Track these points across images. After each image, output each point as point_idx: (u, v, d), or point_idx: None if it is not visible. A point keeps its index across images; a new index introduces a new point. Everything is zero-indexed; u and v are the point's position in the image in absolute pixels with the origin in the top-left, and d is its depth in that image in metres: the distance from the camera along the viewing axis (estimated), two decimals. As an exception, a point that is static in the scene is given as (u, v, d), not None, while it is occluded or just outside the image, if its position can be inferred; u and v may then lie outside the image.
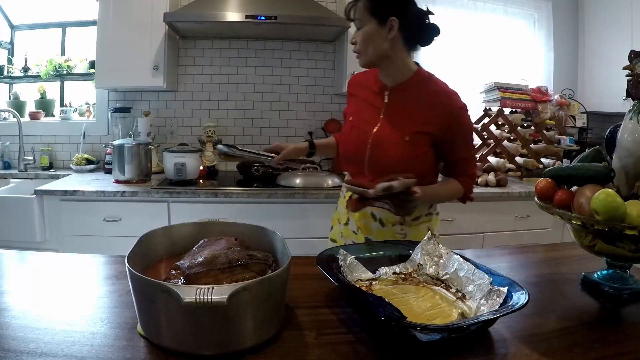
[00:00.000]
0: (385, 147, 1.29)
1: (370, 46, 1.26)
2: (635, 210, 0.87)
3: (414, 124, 1.28)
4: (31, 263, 1.14)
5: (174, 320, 0.69)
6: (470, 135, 1.38)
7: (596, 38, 3.10)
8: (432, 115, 1.27)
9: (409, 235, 1.36)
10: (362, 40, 1.27)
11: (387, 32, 1.23)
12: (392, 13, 1.21)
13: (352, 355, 0.73)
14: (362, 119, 1.35)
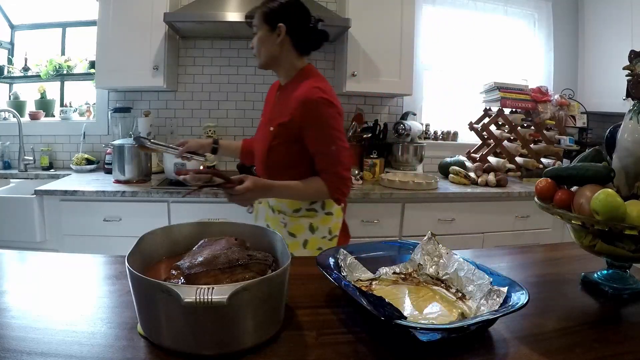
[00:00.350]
0: (259, 139, 1.46)
1: (263, 49, 1.40)
2: (635, 210, 0.87)
3: (279, 116, 1.39)
4: (31, 263, 1.14)
5: (174, 320, 0.69)
6: (328, 130, 1.35)
7: (596, 38, 3.10)
8: (290, 107, 1.36)
9: (288, 226, 1.45)
10: (257, 45, 1.40)
11: (277, 37, 1.37)
12: (280, 20, 1.36)
13: (352, 355, 0.73)
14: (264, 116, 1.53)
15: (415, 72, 2.88)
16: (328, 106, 1.34)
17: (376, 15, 2.56)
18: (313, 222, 1.45)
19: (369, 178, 2.64)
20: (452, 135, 3.18)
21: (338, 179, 1.38)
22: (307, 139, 1.36)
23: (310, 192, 1.39)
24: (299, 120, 1.34)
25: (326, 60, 2.90)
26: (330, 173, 1.37)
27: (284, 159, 1.41)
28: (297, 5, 1.41)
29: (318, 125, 1.35)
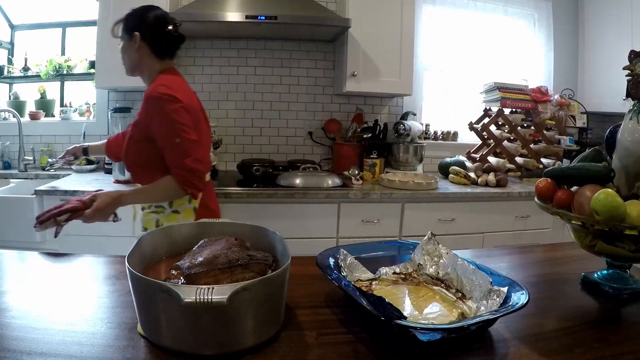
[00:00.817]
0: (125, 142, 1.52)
1: (126, 57, 1.51)
2: (635, 210, 0.87)
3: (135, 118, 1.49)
4: (31, 263, 1.14)
5: (174, 320, 0.69)
6: (171, 124, 1.38)
7: (596, 38, 3.10)
8: (141, 106, 1.45)
9: (143, 220, 1.56)
10: (122, 54, 1.51)
11: (134, 44, 1.47)
12: (136, 29, 1.46)
13: (352, 355, 0.73)
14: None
15: (415, 72, 2.88)
16: (171, 101, 1.39)
17: (376, 15, 2.56)
18: (160, 219, 1.52)
19: (369, 178, 2.64)
20: (452, 135, 3.18)
21: (187, 171, 1.39)
22: (155, 136, 1.41)
23: (159, 193, 1.43)
24: (145, 116, 1.42)
25: (326, 60, 2.91)
26: (178, 167, 1.39)
27: (139, 158, 1.48)
28: (151, 13, 1.48)
29: (161, 120, 1.39)
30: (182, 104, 1.40)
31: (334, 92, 2.93)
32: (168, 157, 1.41)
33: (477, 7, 3.11)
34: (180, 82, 1.49)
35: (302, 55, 2.89)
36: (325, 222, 2.32)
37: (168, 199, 1.47)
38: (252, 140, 2.91)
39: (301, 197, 2.27)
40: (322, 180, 2.39)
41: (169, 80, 1.44)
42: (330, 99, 2.95)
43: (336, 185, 2.39)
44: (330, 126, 2.87)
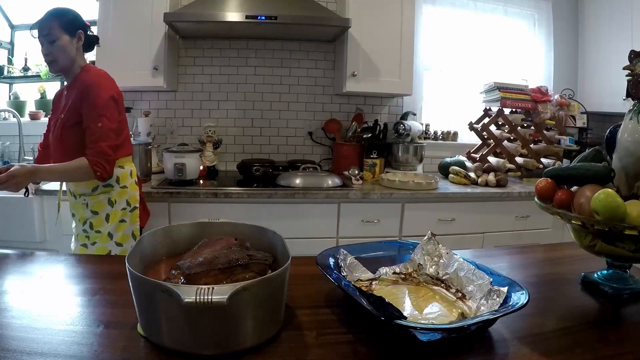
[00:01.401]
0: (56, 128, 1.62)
1: (63, 55, 1.60)
2: (635, 210, 0.87)
3: (71, 105, 1.59)
4: (31, 263, 1.14)
5: (174, 320, 0.69)
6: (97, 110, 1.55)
7: (596, 38, 3.10)
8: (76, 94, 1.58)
9: (90, 205, 1.66)
10: (56, 52, 1.59)
11: (77, 42, 1.63)
12: (78, 28, 1.63)
13: (352, 355, 0.73)
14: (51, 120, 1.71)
15: (415, 72, 2.88)
16: (105, 89, 1.59)
17: (376, 15, 2.56)
18: (111, 197, 1.67)
19: (369, 178, 2.64)
20: (452, 135, 3.18)
21: (99, 153, 1.55)
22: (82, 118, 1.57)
23: (72, 171, 1.55)
24: (79, 102, 1.57)
25: (326, 60, 2.91)
26: (94, 148, 1.55)
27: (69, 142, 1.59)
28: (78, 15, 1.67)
29: (91, 103, 1.55)
30: (113, 94, 1.61)
31: (334, 92, 2.93)
32: (88, 137, 1.56)
33: (477, 7, 3.11)
34: (108, 74, 1.67)
35: (302, 55, 2.89)
36: (325, 222, 2.32)
37: (79, 178, 1.60)
38: (252, 140, 2.91)
39: (301, 197, 2.27)
40: (322, 180, 2.39)
41: (101, 71, 1.65)
42: (330, 99, 2.96)
43: (336, 185, 2.39)
44: (330, 126, 2.87)
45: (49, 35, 1.58)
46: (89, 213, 1.67)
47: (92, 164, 1.53)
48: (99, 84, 1.58)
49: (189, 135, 2.83)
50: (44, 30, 1.58)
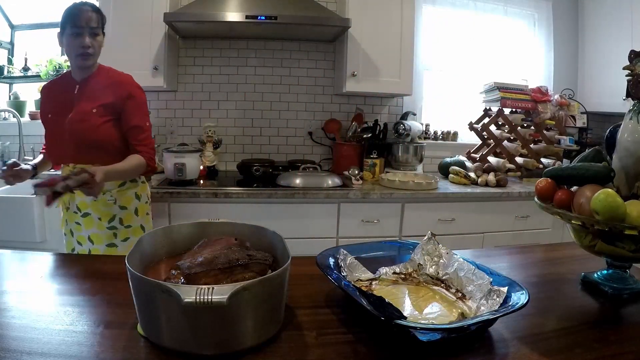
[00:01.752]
0: (80, 122, 1.59)
1: (99, 50, 1.66)
2: (635, 210, 0.87)
3: (98, 99, 1.62)
4: (31, 263, 1.14)
5: (174, 320, 0.69)
6: (144, 108, 1.70)
7: (596, 38, 3.10)
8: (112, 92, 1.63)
9: (119, 201, 1.67)
10: (98, 46, 1.64)
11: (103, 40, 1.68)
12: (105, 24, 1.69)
13: (352, 355, 0.73)
14: (57, 113, 1.63)
15: (415, 72, 2.88)
16: (142, 90, 1.71)
17: (376, 15, 2.56)
18: (137, 191, 1.72)
19: (369, 178, 2.64)
20: (452, 135, 3.18)
21: (151, 149, 1.67)
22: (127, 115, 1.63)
23: (133, 167, 1.60)
24: (119, 99, 1.62)
25: (326, 60, 2.91)
26: (149, 145, 1.67)
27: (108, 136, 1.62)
28: None
29: (138, 103, 1.66)
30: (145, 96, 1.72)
31: (334, 92, 2.93)
32: (139, 137, 1.64)
33: (477, 7, 3.11)
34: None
35: (302, 55, 2.89)
36: (325, 222, 2.32)
37: (135, 175, 1.68)
38: (252, 140, 2.91)
39: (301, 197, 2.27)
40: (322, 180, 2.39)
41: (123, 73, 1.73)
42: (330, 99, 2.95)
43: (336, 185, 2.39)
44: (330, 126, 2.87)
45: (95, 28, 1.59)
46: (116, 209, 1.67)
47: (148, 160, 1.63)
48: (137, 84, 1.70)
49: (189, 135, 2.83)
50: (91, 22, 1.58)
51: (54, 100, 1.68)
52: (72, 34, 1.55)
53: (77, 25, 1.54)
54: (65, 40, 1.59)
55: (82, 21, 1.55)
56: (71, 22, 1.55)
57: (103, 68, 1.71)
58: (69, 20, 1.55)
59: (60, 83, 1.70)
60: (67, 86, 1.67)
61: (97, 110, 1.60)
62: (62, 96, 1.66)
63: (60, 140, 1.62)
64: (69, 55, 1.63)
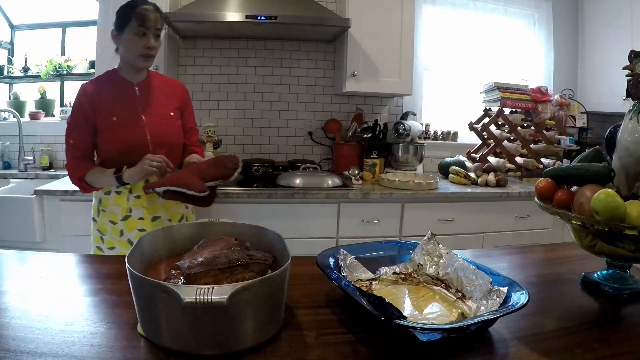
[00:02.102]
0: (162, 125, 1.62)
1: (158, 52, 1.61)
2: (635, 210, 0.87)
3: (169, 103, 1.66)
4: (31, 263, 1.14)
5: (174, 320, 0.69)
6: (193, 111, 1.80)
7: (596, 38, 3.10)
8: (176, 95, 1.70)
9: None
10: (159, 47, 1.59)
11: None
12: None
13: (352, 355, 0.73)
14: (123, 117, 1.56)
15: (415, 72, 2.88)
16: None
17: (376, 15, 2.56)
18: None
19: (369, 178, 2.64)
20: (452, 135, 3.18)
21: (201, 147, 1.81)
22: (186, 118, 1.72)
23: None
24: (181, 103, 1.70)
25: (326, 60, 2.91)
26: (200, 146, 1.79)
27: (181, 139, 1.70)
28: None
29: (191, 107, 1.78)
30: None
31: (334, 92, 2.93)
32: (194, 138, 1.76)
33: (477, 7, 3.11)
34: None
35: (302, 55, 2.89)
36: (325, 222, 2.32)
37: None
38: (252, 140, 2.91)
39: (301, 197, 2.27)
40: (322, 180, 2.39)
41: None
42: (330, 99, 2.95)
43: (336, 185, 2.39)
44: (330, 126, 2.87)
45: (159, 30, 1.55)
46: (183, 208, 1.71)
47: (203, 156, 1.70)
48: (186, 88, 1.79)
49: (189, 135, 2.83)
50: (158, 24, 1.54)
51: (112, 103, 1.56)
52: (137, 34, 1.50)
53: (144, 25, 1.49)
54: (125, 40, 1.52)
55: (149, 21, 1.50)
56: (138, 21, 1.48)
57: (150, 71, 1.69)
58: (133, 19, 1.49)
59: (110, 84, 1.60)
60: (123, 88, 1.59)
61: (174, 113, 1.65)
62: (122, 99, 1.58)
63: (135, 143, 1.54)
64: (128, 55, 1.55)
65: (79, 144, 1.56)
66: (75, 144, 1.56)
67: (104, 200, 1.63)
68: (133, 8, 1.50)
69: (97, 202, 1.65)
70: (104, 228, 1.62)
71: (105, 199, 1.63)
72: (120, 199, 1.60)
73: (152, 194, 1.51)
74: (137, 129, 1.57)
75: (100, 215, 1.64)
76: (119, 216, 1.60)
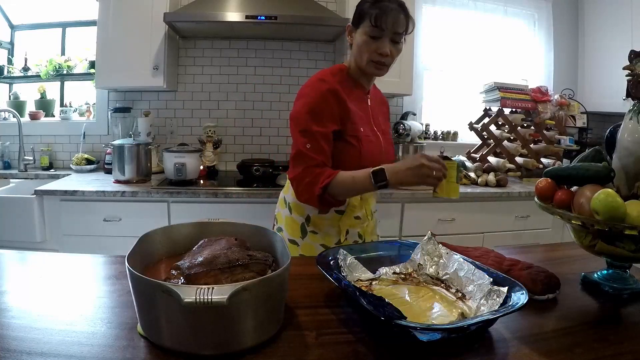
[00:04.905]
0: (387, 143, 1.42)
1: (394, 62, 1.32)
2: (635, 210, 0.87)
3: (385, 118, 1.49)
4: (31, 263, 1.14)
5: (174, 320, 0.69)
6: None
7: (596, 38, 3.10)
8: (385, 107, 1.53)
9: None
10: (397, 55, 1.29)
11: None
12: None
13: (352, 355, 0.73)
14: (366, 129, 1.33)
15: (415, 72, 2.88)
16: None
17: (376, 15, 2.56)
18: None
19: (369, 178, 2.64)
20: (452, 135, 3.18)
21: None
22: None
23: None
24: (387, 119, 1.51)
25: (326, 60, 2.90)
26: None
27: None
28: None
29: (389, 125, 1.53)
30: None
31: (334, 92, 2.92)
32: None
33: (477, 7, 3.11)
34: None
35: (302, 55, 2.89)
36: (325, 222, 2.32)
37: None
38: (252, 140, 2.91)
39: (301, 197, 2.27)
40: (322, 180, 2.38)
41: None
42: (330, 99, 2.95)
43: (336, 185, 2.38)
44: (330, 126, 2.87)
45: (399, 35, 1.26)
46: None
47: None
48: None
49: (189, 135, 2.83)
50: (397, 26, 1.24)
51: (356, 111, 1.32)
52: (370, 36, 1.24)
53: (378, 25, 1.22)
54: (358, 38, 1.28)
55: (387, 23, 1.22)
56: (373, 20, 1.22)
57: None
58: (369, 17, 1.23)
59: (348, 88, 1.33)
60: (359, 95, 1.36)
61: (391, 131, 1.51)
62: (362, 107, 1.36)
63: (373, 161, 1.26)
64: (358, 57, 1.30)
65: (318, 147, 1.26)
66: (314, 147, 1.26)
67: (315, 219, 1.35)
68: (372, 3, 1.24)
69: (303, 221, 1.37)
70: (312, 252, 1.31)
71: (317, 217, 1.35)
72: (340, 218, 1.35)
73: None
74: (378, 145, 1.34)
75: (308, 238, 1.36)
76: (333, 239, 1.35)
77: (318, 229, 1.36)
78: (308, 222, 1.36)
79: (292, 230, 1.39)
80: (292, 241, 1.39)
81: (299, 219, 1.38)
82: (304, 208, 1.36)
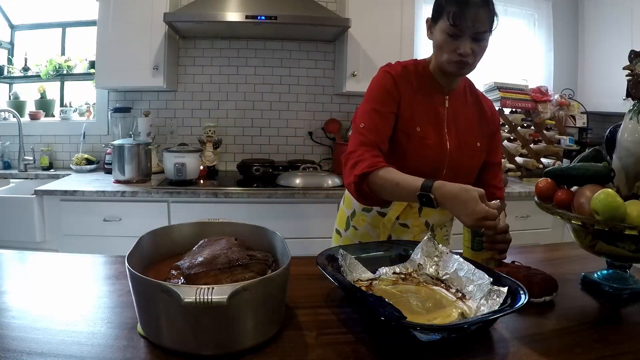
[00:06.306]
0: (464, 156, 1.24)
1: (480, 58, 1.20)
2: (635, 210, 0.87)
3: (479, 129, 1.28)
4: (31, 263, 1.14)
5: (174, 320, 0.69)
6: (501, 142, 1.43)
7: (596, 38, 3.10)
8: (487, 119, 1.31)
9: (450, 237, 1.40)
10: (480, 53, 1.17)
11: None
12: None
13: (352, 355, 0.73)
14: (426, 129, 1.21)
15: (415, 72, 2.88)
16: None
17: (376, 15, 2.56)
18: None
19: (369, 178, 2.64)
20: (452, 135, 3.18)
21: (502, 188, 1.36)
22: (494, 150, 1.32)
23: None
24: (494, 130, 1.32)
25: (326, 60, 2.91)
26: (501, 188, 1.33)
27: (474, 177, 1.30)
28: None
29: (500, 138, 1.36)
30: None
31: (334, 92, 2.93)
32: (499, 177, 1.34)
33: (477, 7, 3.11)
34: None
35: (302, 55, 2.89)
36: (325, 222, 2.31)
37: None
38: (252, 140, 2.91)
39: (301, 197, 2.27)
40: (322, 180, 2.39)
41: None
42: (330, 99, 2.95)
43: (336, 185, 2.39)
44: (330, 126, 2.87)
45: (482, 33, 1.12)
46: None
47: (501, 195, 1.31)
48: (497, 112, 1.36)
49: (189, 135, 2.83)
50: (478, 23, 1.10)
51: (420, 108, 1.21)
52: (448, 33, 1.12)
53: (457, 23, 1.09)
54: (437, 35, 1.15)
55: (465, 20, 1.09)
56: (451, 16, 1.09)
57: (468, 81, 1.34)
58: (447, 14, 1.10)
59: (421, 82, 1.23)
60: (434, 94, 1.24)
61: (481, 144, 1.26)
62: (431, 107, 1.23)
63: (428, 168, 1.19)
64: (439, 55, 1.18)
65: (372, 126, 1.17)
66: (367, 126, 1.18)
67: (359, 215, 1.32)
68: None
69: (349, 214, 1.35)
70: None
71: (361, 214, 1.31)
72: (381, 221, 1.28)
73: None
74: (438, 152, 1.20)
75: (349, 232, 1.35)
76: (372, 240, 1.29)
77: (359, 226, 1.33)
78: (352, 216, 1.35)
79: (340, 220, 1.41)
80: (337, 230, 1.42)
81: (347, 211, 1.38)
82: (351, 201, 1.33)
